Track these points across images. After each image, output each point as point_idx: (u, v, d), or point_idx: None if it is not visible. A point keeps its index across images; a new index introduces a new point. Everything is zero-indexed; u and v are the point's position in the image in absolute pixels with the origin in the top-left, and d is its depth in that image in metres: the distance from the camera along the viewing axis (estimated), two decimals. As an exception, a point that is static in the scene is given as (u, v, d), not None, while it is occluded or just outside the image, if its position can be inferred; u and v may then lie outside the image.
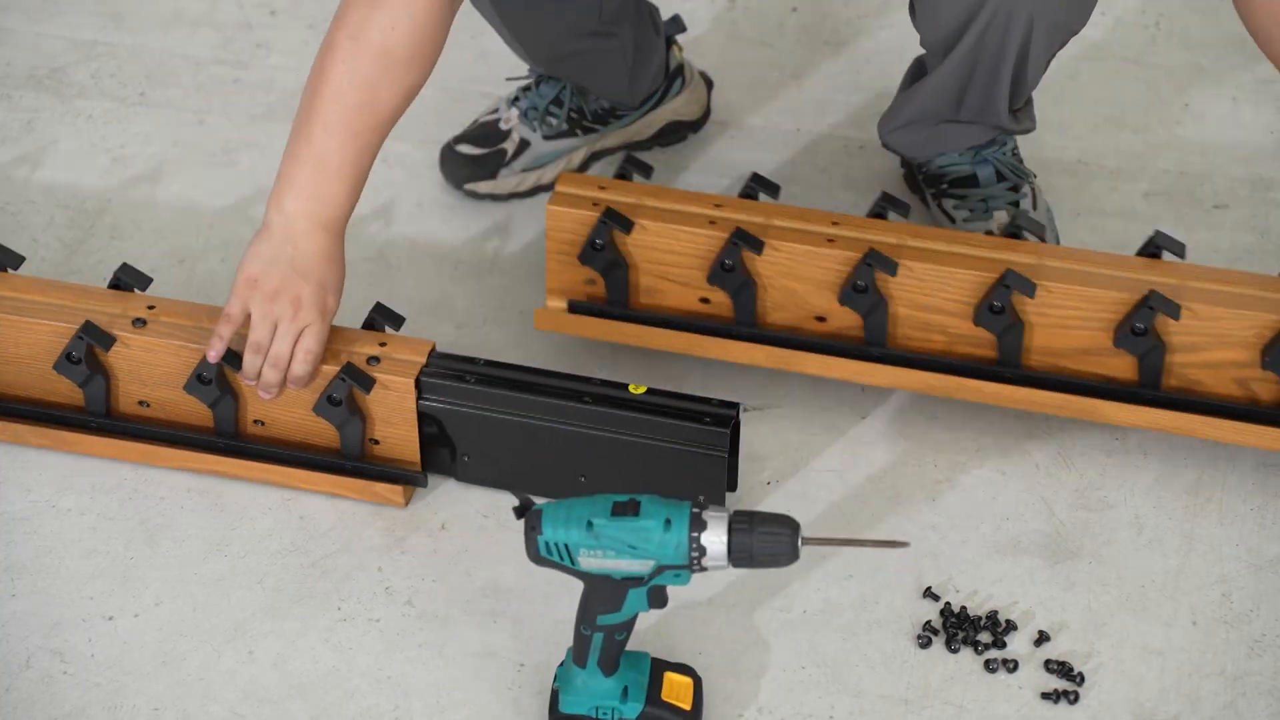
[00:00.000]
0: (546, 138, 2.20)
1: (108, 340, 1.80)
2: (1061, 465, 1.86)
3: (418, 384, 1.79)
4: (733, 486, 1.81)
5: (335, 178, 1.75)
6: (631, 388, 1.79)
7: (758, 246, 1.84)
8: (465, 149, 2.20)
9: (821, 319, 1.88)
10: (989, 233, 2.03)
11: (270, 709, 1.64)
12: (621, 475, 1.79)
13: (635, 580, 1.50)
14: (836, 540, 1.52)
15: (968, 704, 1.64)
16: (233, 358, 1.78)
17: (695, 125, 2.29)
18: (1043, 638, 1.69)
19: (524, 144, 2.19)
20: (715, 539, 1.47)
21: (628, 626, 1.54)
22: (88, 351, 1.80)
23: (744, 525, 1.47)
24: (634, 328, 1.91)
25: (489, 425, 1.80)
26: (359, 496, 1.82)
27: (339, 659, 1.68)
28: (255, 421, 1.84)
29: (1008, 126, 2.01)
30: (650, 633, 1.69)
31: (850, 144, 2.29)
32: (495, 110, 2.22)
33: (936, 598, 1.73)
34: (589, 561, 1.49)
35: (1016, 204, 2.05)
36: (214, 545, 1.79)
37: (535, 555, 1.50)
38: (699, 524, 1.47)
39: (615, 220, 1.86)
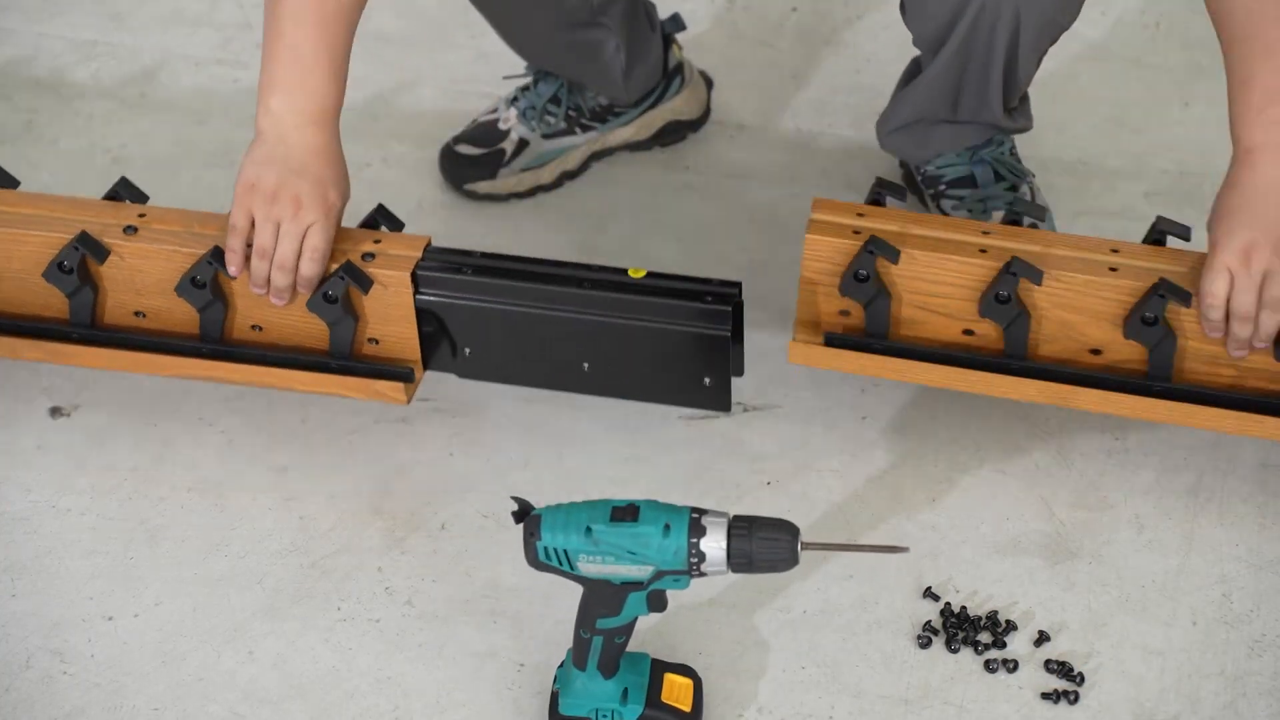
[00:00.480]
0: (545, 136, 2.20)
1: (103, 251, 1.78)
2: (1061, 465, 1.86)
3: (414, 278, 1.76)
4: (739, 371, 1.77)
5: (314, 68, 1.72)
6: (631, 271, 1.76)
7: (1037, 277, 1.70)
8: (464, 149, 2.20)
9: (1097, 351, 1.75)
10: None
11: (270, 709, 1.64)
12: (625, 361, 1.76)
13: (634, 585, 1.50)
14: (836, 545, 1.52)
15: (968, 704, 1.64)
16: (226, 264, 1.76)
17: (695, 125, 2.29)
18: (1043, 638, 1.69)
19: (523, 143, 2.19)
20: (714, 545, 1.47)
21: (627, 630, 1.54)
22: (80, 261, 1.78)
23: (743, 530, 1.47)
24: (898, 362, 1.77)
25: (489, 317, 1.76)
26: (359, 395, 1.80)
27: (339, 659, 1.68)
28: (253, 327, 1.81)
29: (1003, 125, 2.01)
30: (650, 633, 1.69)
31: (850, 144, 2.29)
32: (494, 110, 2.23)
33: (936, 598, 1.73)
34: (588, 567, 1.49)
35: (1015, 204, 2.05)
36: (214, 545, 1.79)
37: (534, 560, 1.50)
38: (698, 529, 1.47)
39: (882, 250, 1.72)
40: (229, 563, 1.77)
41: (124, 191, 1.87)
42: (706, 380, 1.76)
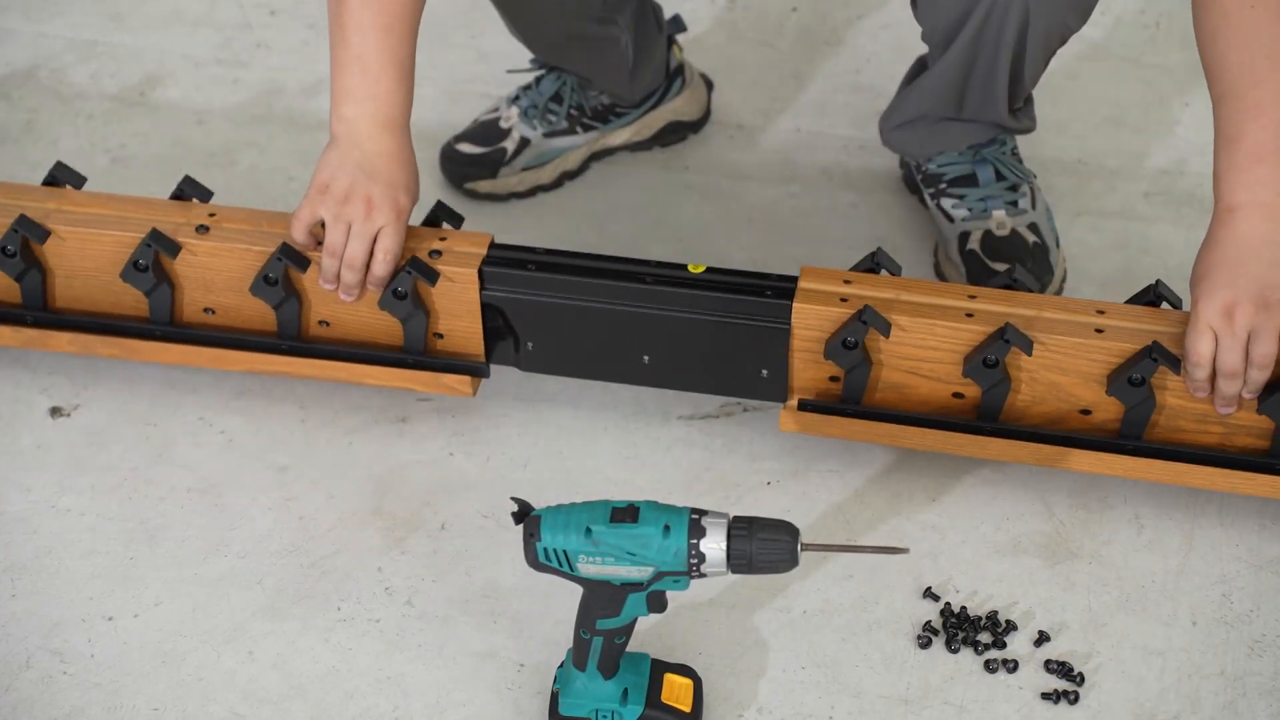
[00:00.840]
0: (546, 135, 2.20)
1: (174, 247, 1.83)
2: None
3: (480, 274, 1.80)
4: None
5: (382, 74, 1.77)
6: (691, 267, 1.80)
7: (1028, 346, 1.71)
8: (465, 148, 2.20)
9: (1087, 412, 1.77)
10: (988, 232, 2.03)
11: (270, 709, 1.64)
12: (684, 353, 1.81)
13: (634, 586, 1.50)
14: (836, 546, 1.52)
15: (968, 704, 1.64)
16: (296, 261, 1.81)
17: (695, 125, 2.29)
18: (1043, 638, 1.69)
19: (524, 142, 2.19)
20: (714, 545, 1.47)
21: (627, 631, 1.54)
22: (154, 259, 1.83)
23: (743, 531, 1.47)
24: (889, 427, 1.80)
25: (552, 312, 1.82)
26: (426, 389, 1.86)
27: (339, 659, 1.68)
28: (320, 323, 1.86)
29: (1008, 125, 2.01)
30: (650, 633, 1.69)
31: (850, 144, 2.29)
32: (495, 109, 2.23)
33: (936, 598, 1.73)
34: (588, 568, 1.49)
35: (1015, 203, 2.05)
36: (214, 545, 1.79)
37: (534, 561, 1.50)
38: (698, 530, 1.47)
39: (873, 321, 1.73)
40: (229, 563, 1.77)
41: (189, 189, 1.91)
42: (764, 372, 1.80)
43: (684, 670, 1.62)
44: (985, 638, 1.68)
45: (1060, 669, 1.66)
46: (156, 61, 2.44)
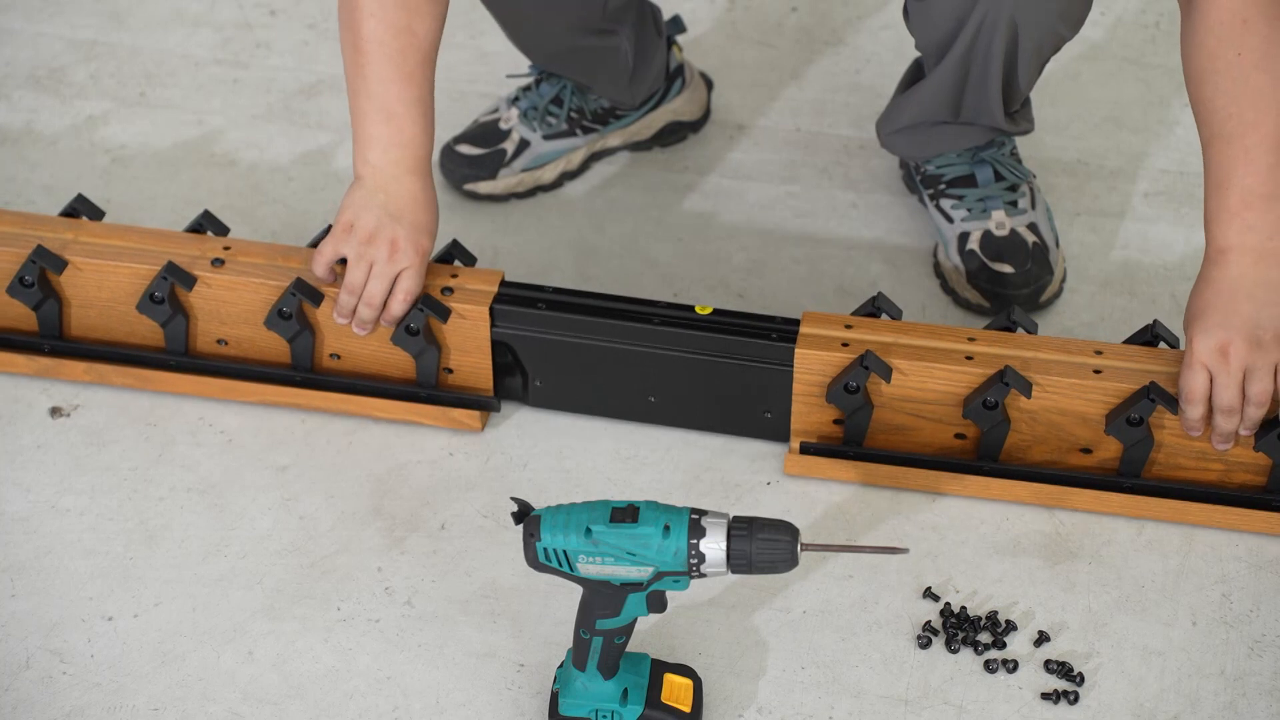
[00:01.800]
0: (546, 137, 2.20)
1: (189, 280, 1.86)
2: (1061, 465, 1.86)
3: (491, 312, 1.84)
4: None
5: (405, 121, 1.80)
6: (698, 309, 1.83)
7: (1027, 389, 1.73)
8: (465, 149, 2.20)
9: (1088, 450, 1.79)
10: (987, 233, 2.03)
11: (270, 709, 1.64)
12: (690, 393, 1.84)
13: (634, 586, 1.50)
14: (836, 546, 1.52)
15: (968, 704, 1.64)
16: (310, 296, 1.84)
17: (695, 125, 2.29)
18: (1043, 638, 1.69)
19: (524, 144, 2.19)
20: (714, 545, 1.47)
21: (627, 631, 1.54)
22: (170, 291, 1.86)
23: (743, 531, 1.47)
24: (892, 469, 1.82)
25: (561, 349, 1.85)
26: (435, 423, 1.89)
27: (339, 659, 1.68)
28: (331, 355, 1.89)
29: (1005, 128, 2.02)
30: (650, 633, 1.69)
31: (850, 144, 2.29)
32: (495, 110, 2.23)
33: (936, 598, 1.73)
34: (588, 568, 1.49)
35: (1014, 203, 2.05)
36: (214, 545, 1.79)
37: (534, 561, 1.50)
38: (698, 530, 1.47)
39: (876, 367, 1.76)
40: (229, 563, 1.77)
41: (207, 224, 1.94)
42: (767, 414, 1.84)
43: (684, 670, 1.62)
44: (985, 638, 1.68)
45: (1060, 669, 1.66)
46: (156, 61, 2.44)
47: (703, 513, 1.48)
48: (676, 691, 1.60)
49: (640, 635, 1.67)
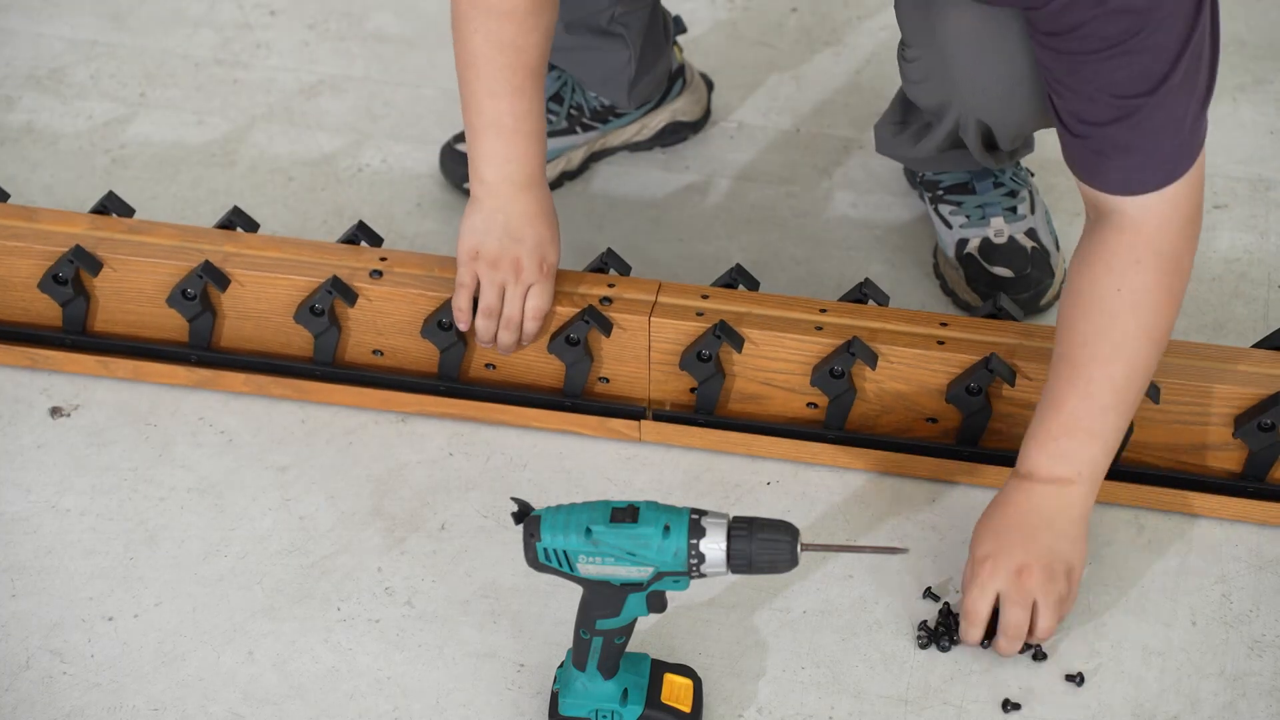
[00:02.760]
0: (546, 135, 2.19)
1: (351, 295, 1.87)
2: (1061, 465, 1.86)
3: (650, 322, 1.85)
4: None
5: (516, 135, 1.80)
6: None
7: (872, 360, 1.78)
8: (465, 148, 2.20)
9: (933, 420, 1.83)
10: (986, 240, 2.03)
11: (270, 709, 1.64)
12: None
13: (634, 586, 1.50)
14: (836, 546, 1.52)
15: (968, 704, 1.64)
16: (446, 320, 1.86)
17: (695, 125, 2.29)
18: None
19: (524, 143, 2.19)
20: (714, 546, 1.47)
21: (627, 631, 1.54)
22: (330, 305, 1.88)
23: (743, 532, 1.47)
24: (743, 436, 1.86)
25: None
26: (593, 433, 1.89)
27: (339, 659, 1.68)
28: (486, 366, 1.90)
29: (1003, 166, 2.03)
30: (651, 634, 1.69)
31: (850, 144, 2.29)
32: (495, 110, 2.22)
33: (936, 598, 1.73)
34: (588, 568, 1.49)
35: (1014, 210, 2.05)
36: (214, 545, 1.79)
37: (534, 561, 1.50)
38: (698, 531, 1.47)
39: (728, 335, 1.80)
40: (229, 563, 1.77)
41: (236, 219, 1.96)
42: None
43: (684, 670, 1.62)
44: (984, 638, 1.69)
45: (1060, 669, 1.66)
46: (156, 61, 2.44)
47: (703, 513, 1.48)
48: (677, 691, 1.60)
49: (641, 635, 1.67)
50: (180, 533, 1.80)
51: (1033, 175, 2.10)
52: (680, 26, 2.23)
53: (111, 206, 1.98)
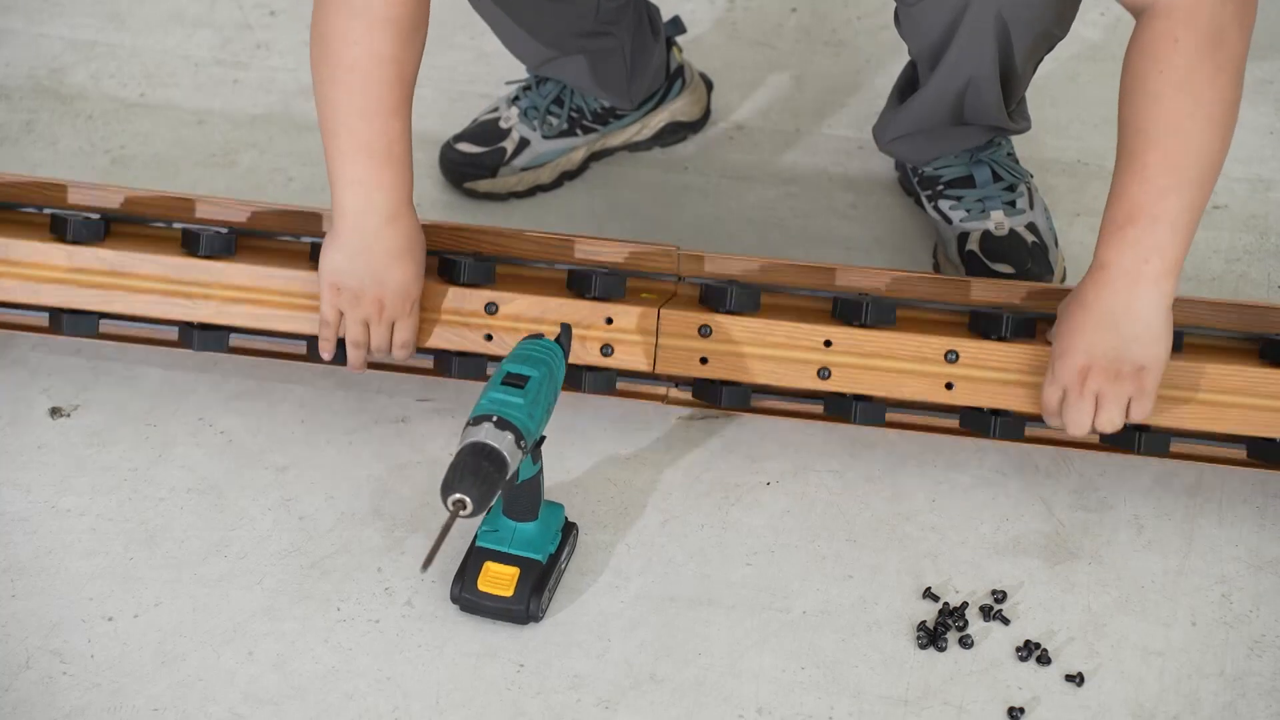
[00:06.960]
0: (546, 137, 2.20)
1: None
2: (1061, 465, 1.86)
3: None
4: None
5: (387, 161, 1.73)
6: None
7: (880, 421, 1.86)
8: (465, 147, 2.20)
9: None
10: (986, 233, 2.03)
11: (270, 709, 1.64)
12: None
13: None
14: (439, 539, 1.56)
15: (968, 704, 1.64)
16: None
17: (695, 126, 2.29)
18: (1042, 638, 1.69)
19: (524, 143, 2.19)
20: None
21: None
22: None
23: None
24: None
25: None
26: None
27: (338, 659, 1.68)
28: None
29: (1006, 127, 2.02)
30: (649, 628, 1.69)
31: (850, 144, 2.29)
32: (495, 109, 2.23)
33: (936, 598, 1.73)
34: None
35: (1013, 203, 2.05)
36: (214, 545, 1.79)
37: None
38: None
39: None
40: (229, 563, 1.77)
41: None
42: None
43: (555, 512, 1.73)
44: (981, 631, 1.68)
45: (1059, 669, 1.66)
46: (156, 61, 2.44)
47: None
48: (496, 578, 1.68)
49: (638, 624, 1.67)
50: (180, 533, 1.80)
51: (1031, 176, 2.10)
52: (680, 27, 2.24)
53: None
